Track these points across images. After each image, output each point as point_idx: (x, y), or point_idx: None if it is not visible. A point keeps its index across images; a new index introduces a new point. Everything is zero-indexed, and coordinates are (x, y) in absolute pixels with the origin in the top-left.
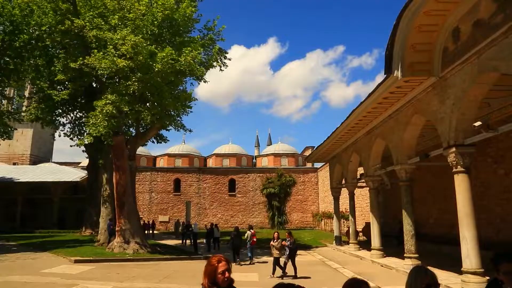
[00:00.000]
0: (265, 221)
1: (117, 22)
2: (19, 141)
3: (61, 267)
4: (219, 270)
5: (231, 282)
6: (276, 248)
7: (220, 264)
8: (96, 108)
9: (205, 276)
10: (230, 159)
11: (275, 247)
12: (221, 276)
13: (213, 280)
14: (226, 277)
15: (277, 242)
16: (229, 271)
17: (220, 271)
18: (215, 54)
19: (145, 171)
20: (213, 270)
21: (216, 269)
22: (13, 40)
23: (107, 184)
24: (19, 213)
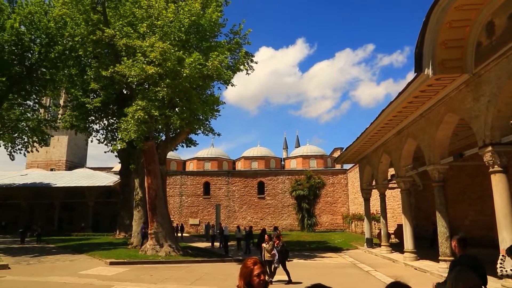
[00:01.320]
0: (294, 224)
1: (145, 30)
2: (56, 148)
3: (97, 268)
4: (254, 273)
5: (266, 285)
6: (268, 251)
7: (255, 267)
8: (127, 114)
9: (240, 278)
10: (259, 162)
11: (267, 249)
12: (257, 278)
13: (248, 282)
14: (262, 279)
15: (269, 245)
16: (264, 274)
17: (255, 273)
18: (242, 57)
19: (175, 175)
20: (248, 272)
21: (251, 272)
22: (48, 51)
23: (139, 188)
24: (57, 217)
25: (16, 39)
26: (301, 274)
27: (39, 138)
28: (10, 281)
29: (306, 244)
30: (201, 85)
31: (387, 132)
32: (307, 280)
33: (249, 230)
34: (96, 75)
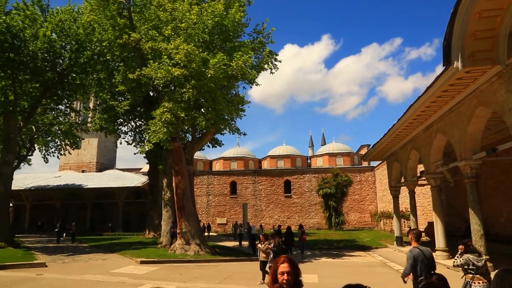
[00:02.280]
0: (322, 222)
1: (170, 33)
2: (86, 150)
3: (128, 267)
4: (279, 271)
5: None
6: (263, 251)
7: (281, 265)
8: (154, 116)
9: (269, 274)
10: (285, 161)
11: (262, 250)
12: (280, 276)
13: (275, 279)
14: (285, 279)
15: (264, 245)
16: (289, 274)
17: (280, 271)
18: (266, 57)
19: (202, 175)
20: (274, 269)
21: (277, 269)
22: (78, 57)
23: (167, 188)
24: (89, 217)
25: (48, 46)
26: (330, 273)
27: (71, 141)
28: (48, 279)
29: (334, 242)
30: (226, 85)
31: (415, 128)
32: (336, 279)
33: (278, 229)
34: (123, 78)
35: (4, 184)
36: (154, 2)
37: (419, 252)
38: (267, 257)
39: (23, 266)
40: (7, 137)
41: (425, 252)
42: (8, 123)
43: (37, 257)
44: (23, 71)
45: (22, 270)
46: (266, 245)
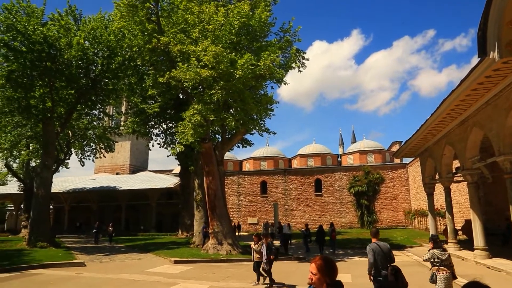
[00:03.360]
0: (354, 221)
1: (197, 35)
2: (120, 153)
3: (163, 267)
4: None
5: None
6: (257, 252)
7: (311, 266)
8: (184, 118)
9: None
10: (315, 159)
11: (256, 250)
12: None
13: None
14: (309, 278)
15: (257, 245)
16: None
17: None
18: (293, 55)
19: (233, 175)
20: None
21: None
22: (110, 63)
23: (198, 189)
24: (124, 218)
25: (81, 54)
26: (363, 272)
27: (105, 144)
28: (88, 278)
29: (367, 241)
30: (254, 85)
31: (449, 123)
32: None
33: (306, 228)
34: (153, 82)
35: (45, 187)
36: (181, 6)
37: (376, 246)
38: (261, 258)
39: (64, 265)
40: (46, 142)
41: (382, 247)
42: (46, 129)
43: (76, 256)
44: (59, 79)
45: (63, 269)
46: (259, 245)
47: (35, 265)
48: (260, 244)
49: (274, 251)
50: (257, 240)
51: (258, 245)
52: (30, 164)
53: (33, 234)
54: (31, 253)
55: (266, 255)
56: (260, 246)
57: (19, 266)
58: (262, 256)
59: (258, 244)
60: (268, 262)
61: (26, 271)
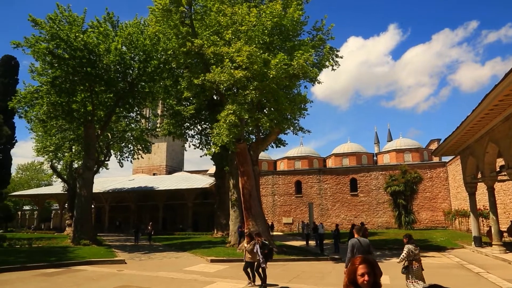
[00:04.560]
0: (391, 221)
1: (231, 36)
2: (156, 154)
3: (199, 265)
4: (359, 272)
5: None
6: (248, 251)
7: (360, 266)
8: (219, 119)
9: (346, 275)
10: (350, 158)
11: (247, 250)
12: (361, 278)
13: (353, 280)
14: (366, 280)
15: (250, 245)
16: (369, 274)
17: (360, 272)
18: (326, 53)
19: (267, 175)
20: (353, 270)
21: (356, 270)
22: (146, 66)
23: (233, 188)
24: (161, 217)
25: (119, 58)
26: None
27: (142, 146)
28: (128, 275)
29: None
30: (288, 85)
31: (493, 119)
32: None
33: (336, 228)
34: (188, 84)
35: (87, 188)
36: (214, 8)
37: (356, 241)
38: (252, 258)
39: (105, 262)
40: (88, 144)
41: (361, 242)
42: (88, 132)
43: (117, 254)
44: (98, 83)
45: (105, 266)
46: (251, 245)
47: (79, 262)
48: (252, 244)
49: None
50: (249, 240)
51: (250, 245)
52: (73, 166)
53: (77, 232)
54: (75, 250)
55: (263, 254)
56: (253, 246)
57: (65, 262)
58: (254, 256)
59: (250, 244)
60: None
61: (72, 267)
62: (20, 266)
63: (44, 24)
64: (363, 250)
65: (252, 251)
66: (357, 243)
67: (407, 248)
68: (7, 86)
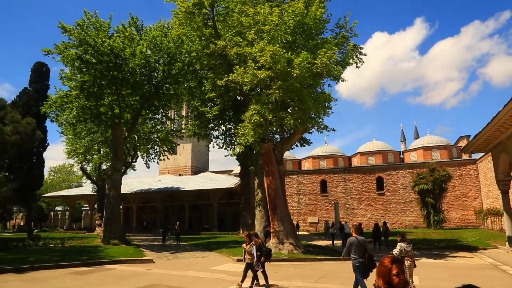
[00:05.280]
0: (419, 220)
1: (253, 37)
2: (182, 155)
3: (226, 265)
4: (393, 272)
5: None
6: (247, 253)
7: (393, 266)
8: (243, 119)
9: (379, 277)
10: (376, 157)
11: (247, 251)
12: (396, 278)
13: (387, 281)
14: (401, 279)
15: (249, 246)
16: (403, 273)
17: (394, 272)
18: (350, 51)
19: (292, 174)
20: (386, 271)
21: (390, 271)
22: (170, 69)
23: (258, 188)
24: (187, 217)
25: (144, 62)
26: (431, 274)
27: (168, 147)
28: (156, 274)
29: (434, 242)
30: (312, 83)
31: None
32: (439, 281)
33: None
34: (212, 85)
35: (115, 189)
36: (236, 9)
37: (355, 240)
38: (252, 259)
39: (134, 261)
40: (115, 146)
41: (360, 240)
42: (115, 134)
43: (145, 254)
44: (125, 86)
45: (134, 265)
46: (250, 247)
47: (109, 261)
48: (251, 245)
49: (265, 252)
50: (248, 241)
51: (249, 246)
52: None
53: (106, 232)
54: (105, 250)
55: (257, 256)
56: (251, 247)
57: (96, 261)
58: (253, 258)
59: (249, 245)
60: (259, 263)
61: (102, 266)
62: (54, 264)
63: (73, 30)
64: (361, 247)
65: (250, 252)
66: (355, 241)
67: (399, 246)
68: (39, 92)
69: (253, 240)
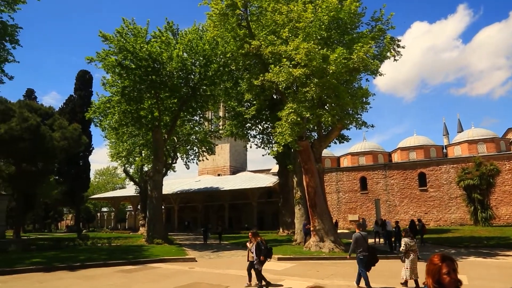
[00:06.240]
0: (465, 217)
1: (288, 35)
2: (220, 155)
3: (266, 263)
4: (443, 270)
5: (458, 283)
6: (251, 251)
7: (444, 264)
8: (280, 118)
9: (428, 275)
10: (417, 152)
11: (250, 249)
12: (447, 277)
13: (437, 280)
14: (453, 278)
15: (251, 244)
16: (455, 271)
17: (445, 271)
18: (387, 44)
19: (331, 172)
20: (436, 270)
21: (440, 269)
22: (206, 71)
23: (297, 187)
24: (227, 216)
25: (181, 65)
26: (481, 274)
27: (207, 147)
28: (199, 272)
29: (482, 240)
30: (348, 79)
31: None
32: (490, 282)
33: (396, 225)
34: (248, 85)
35: (157, 190)
36: (269, 8)
37: (359, 235)
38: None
39: (177, 260)
40: (156, 148)
41: (363, 236)
42: (155, 136)
43: (188, 253)
44: (163, 90)
45: (177, 264)
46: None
47: (153, 260)
48: (253, 244)
49: (264, 251)
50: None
51: (252, 245)
52: (143, 169)
53: (150, 231)
54: (149, 249)
55: (256, 255)
56: (253, 245)
57: (141, 260)
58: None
59: (252, 244)
60: (259, 262)
61: (147, 264)
62: (102, 262)
63: (113, 38)
64: (364, 241)
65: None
66: (360, 237)
67: (403, 241)
68: (83, 98)
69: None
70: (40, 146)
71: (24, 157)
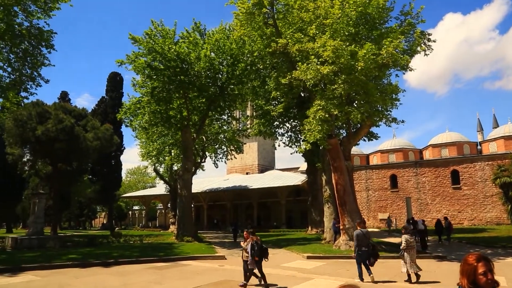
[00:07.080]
0: (502, 216)
1: (315, 32)
2: (248, 154)
3: (296, 262)
4: (479, 271)
5: (495, 284)
6: (245, 250)
7: (479, 264)
8: (308, 115)
9: (463, 276)
10: (449, 149)
11: (244, 248)
12: (483, 277)
13: (473, 281)
14: (490, 279)
15: (245, 244)
16: (491, 272)
17: (481, 271)
18: (417, 38)
19: (360, 170)
20: (471, 270)
21: (475, 269)
22: (234, 70)
23: (326, 185)
24: (256, 215)
25: (209, 64)
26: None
27: (235, 146)
28: (229, 270)
29: None
30: (377, 75)
31: None
32: None
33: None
34: (276, 84)
35: (187, 188)
36: (296, 5)
37: (360, 232)
38: (249, 257)
39: (207, 258)
40: (185, 148)
41: (364, 233)
42: (185, 136)
43: (217, 250)
44: (191, 90)
45: (207, 261)
46: (247, 244)
47: (184, 257)
48: (247, 243)
49: (258, 251)
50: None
51: (246, 244)
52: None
53: (180, 229)
54: (180, 247)
55: (250, 255)
56: (248, 244)
57: (172, 257)
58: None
59: (246, 242)
60: (253, 262)
61: (178, 261)
62: (134, 259)
63: (142, 40)
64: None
65: (246, 250)
66: (361, 234)
67: (404, 238)
68: (114, 100)
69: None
70: (74, 146)
71: (60, 157)
